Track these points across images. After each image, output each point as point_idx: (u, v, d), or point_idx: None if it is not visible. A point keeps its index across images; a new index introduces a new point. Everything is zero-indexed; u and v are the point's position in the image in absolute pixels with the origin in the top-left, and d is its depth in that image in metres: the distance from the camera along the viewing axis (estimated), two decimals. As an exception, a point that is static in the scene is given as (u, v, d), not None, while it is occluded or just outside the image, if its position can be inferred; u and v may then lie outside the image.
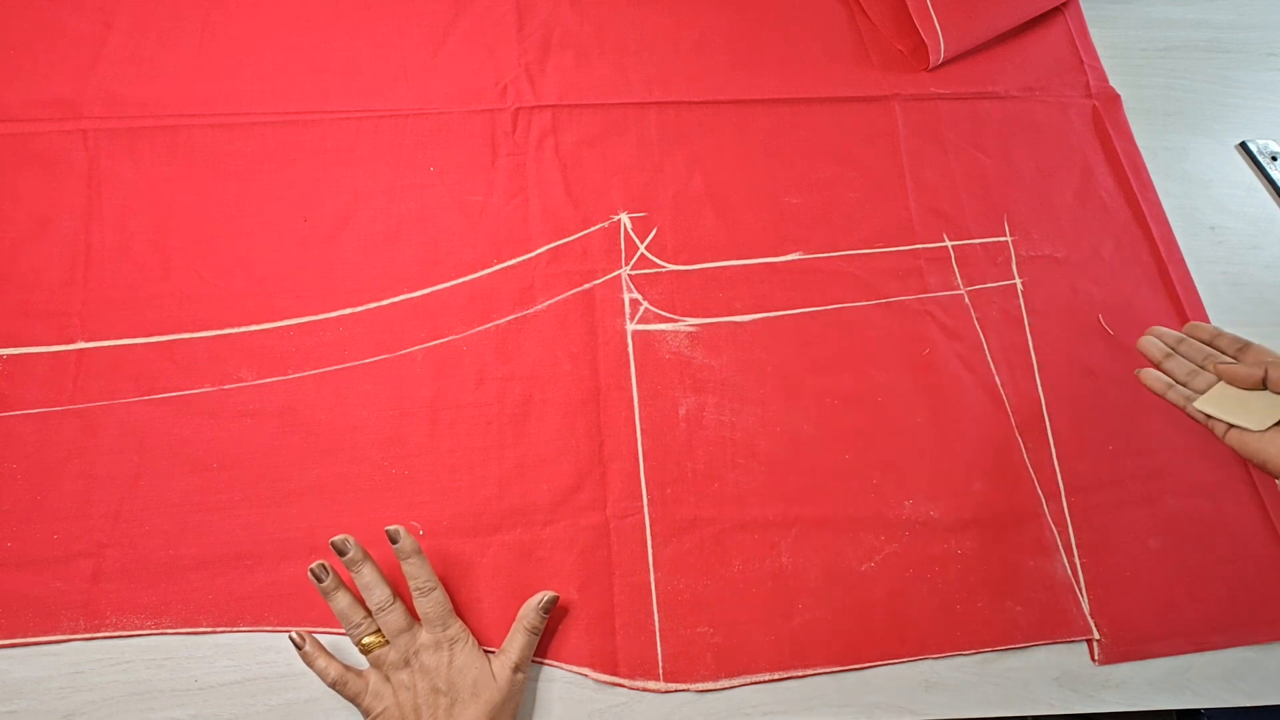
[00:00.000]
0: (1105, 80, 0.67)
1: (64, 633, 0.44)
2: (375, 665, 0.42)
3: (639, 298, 0.55)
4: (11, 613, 0.44)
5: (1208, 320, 0.57)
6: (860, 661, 0.46)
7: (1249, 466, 0.52)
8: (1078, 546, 0.50)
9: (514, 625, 0.44)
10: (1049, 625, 0.48)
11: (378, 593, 0.42)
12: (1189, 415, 0.45)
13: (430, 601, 0.42)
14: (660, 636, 0.46)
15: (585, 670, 0.45)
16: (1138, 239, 0.60)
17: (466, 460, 0.49)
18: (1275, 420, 0.42)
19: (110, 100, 0.57)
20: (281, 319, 0.52)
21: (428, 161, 0.58)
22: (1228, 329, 0.57)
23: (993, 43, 0.67)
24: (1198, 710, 0.49)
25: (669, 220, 0.58)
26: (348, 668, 0.42)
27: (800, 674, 0.46)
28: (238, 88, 0.59)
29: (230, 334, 0.51)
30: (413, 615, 0.43)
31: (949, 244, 0.59)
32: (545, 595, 0.44)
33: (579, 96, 0.61)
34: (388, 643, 0.42)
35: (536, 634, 0.44)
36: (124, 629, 0.44)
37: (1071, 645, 0.48)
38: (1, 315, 0.51)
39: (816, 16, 0.67)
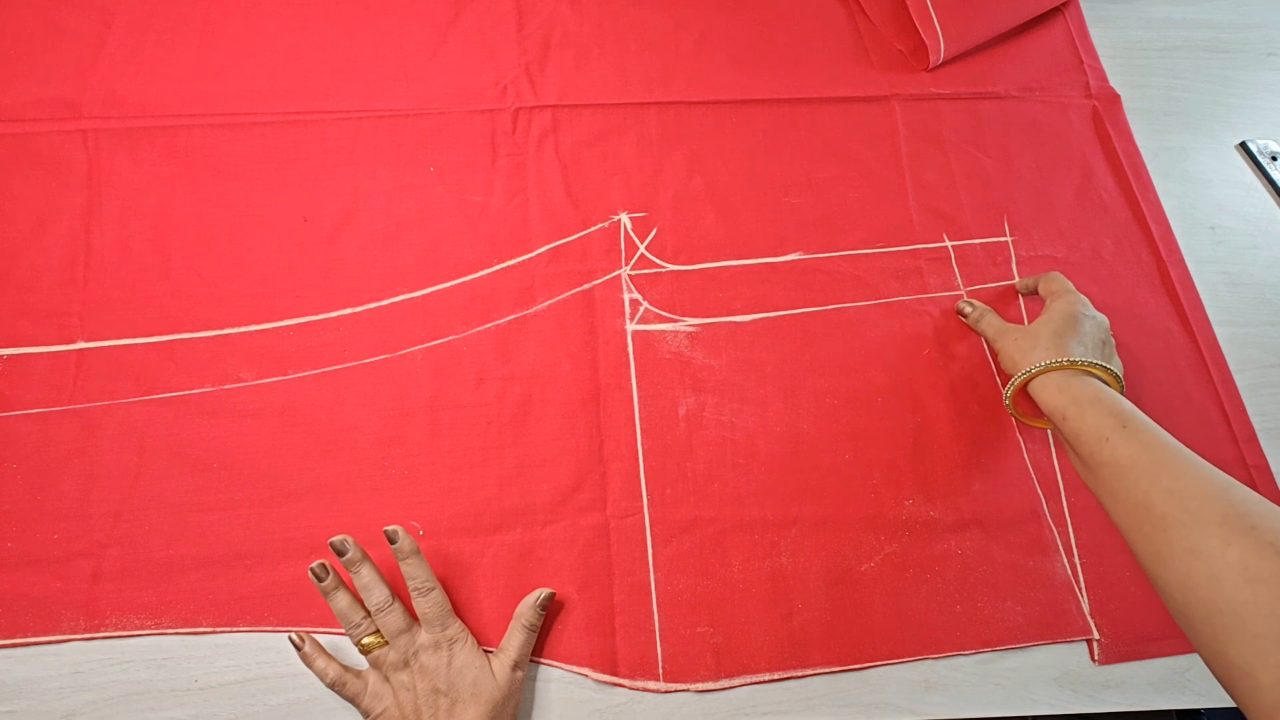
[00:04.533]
0: (1105, 80, 0.67)
1: (64, 633, 0.44)
2: (375, 665, 0.42)
3: (639, 298, 0.55)
4: (11, 613, 0.44)
5: (1207, 321, 0.57)
6: (860, 661, 0.46)
7: (1247, 465, 0.52)
8: (1078, 546, 0.50)
9: (512, 623, 0.44)
10: (1049, 625, 0.48)
11: (376, 593, 0.42)
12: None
13: (429, 602, 0.42)
14: (660, 636, 0.46)
15: (585, 670, 0.45)
16: (1138, 239, 0.60)
17: (466, 460, 0.49)
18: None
19: (110, 100, 0.57)
20: (281, 319, 0.52)
21: (428, 161, 0.58)
22: (1227, 329, 0.57)
23: (993, 43, 0.67)
24: (1198, 710, 0.49)
25: (669, 220, 0.58)
26: (347, 668, 0.42)
27: (800, 674, 0.46)
28: (238, 88, 0.59)
29: (230, 334, 0.51)
30: (412, 616, 0.43)
31: (949, 244, 0.59)
32: (542, 592, 0.44)
33: (579, 96, 0.61)
34: (387, 643, 0.42)
35: (534, 631, 0.44)
36: (124, 629, 0.44)
37: (1071, 645, 0.48)
38: (1, 315, 0.51)
39: (816, 16, 0.67)
